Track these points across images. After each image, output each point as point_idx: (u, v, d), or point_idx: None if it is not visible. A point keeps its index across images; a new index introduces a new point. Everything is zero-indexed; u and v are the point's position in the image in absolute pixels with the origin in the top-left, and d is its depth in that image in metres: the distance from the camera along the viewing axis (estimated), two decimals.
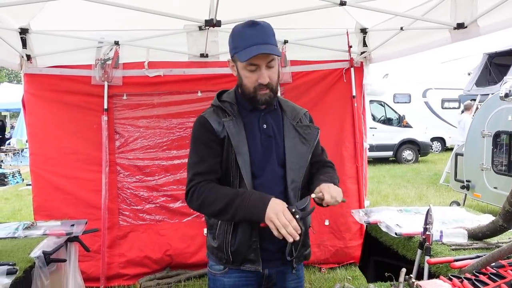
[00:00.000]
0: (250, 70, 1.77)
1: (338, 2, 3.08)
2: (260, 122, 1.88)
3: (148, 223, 4.44)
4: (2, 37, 3.54)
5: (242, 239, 1.82)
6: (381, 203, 8.06)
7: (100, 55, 4.16)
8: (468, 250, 2.34)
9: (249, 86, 1.80)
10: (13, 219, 7.43)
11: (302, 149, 1.90)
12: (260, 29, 1.77)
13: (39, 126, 4.19)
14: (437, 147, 16.93)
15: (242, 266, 1.85)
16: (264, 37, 1.75)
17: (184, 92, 4.40)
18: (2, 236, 2.80)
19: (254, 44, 1.72)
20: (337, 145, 4.58)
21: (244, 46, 1.74)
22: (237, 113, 1.87)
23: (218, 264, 1.92)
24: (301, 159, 1.88)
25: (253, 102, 1.84)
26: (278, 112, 1.95)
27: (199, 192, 1.79)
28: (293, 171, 1.85)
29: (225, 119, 1.84)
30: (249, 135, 1.85)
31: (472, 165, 6.78)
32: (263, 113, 1.89)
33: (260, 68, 1.76)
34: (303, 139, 1.92)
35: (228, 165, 1.83)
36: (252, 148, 1.83)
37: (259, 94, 1.80)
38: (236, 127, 1.83)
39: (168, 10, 3.21)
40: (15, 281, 2.09)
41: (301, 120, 1.97)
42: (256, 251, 1.82)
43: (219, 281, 1.92)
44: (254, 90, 1.80)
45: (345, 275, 4.56)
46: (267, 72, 1.77)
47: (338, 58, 4.56)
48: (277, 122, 1.92)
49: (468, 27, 3.18)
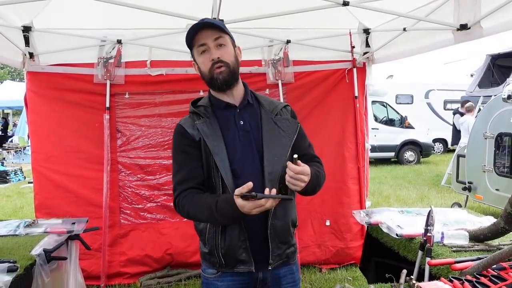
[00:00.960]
0: (201, 52, 1.81)
1: (341, 2, 3.07)
2: (236, 119, 1.87)
3: (149, 222, 4.44)
4: (5, 35, 3.54)
5: (232, 240, 1.81)
6: (383, 204, 8.06)
7: (102, 54, 4.17)
8: (469, 252, 2.34)
9: (204, 69, 1.82)
10: (14, 216, 7.44)
11: (281, 141, 1.87)
12: (206, 19, 1.82)
13: (41, 124, 4.20)
14: (439, 148, 16.89)
15: (236, 269, 1.84)
16: (208, 20, 1.81)
17: (186, 91, 4.40)
18: (4, 234, 2.81)
19: (195, 26, 1.78)
20: (339, 146, 4.58)
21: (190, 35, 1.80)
22: (211, 113, 1.87)
23: (211, 268, 1.91)
24: (281, 150, 1.84)
25: (212, 84, 1.84)
26: (255, 107, 1.93)
27: (182, 204, 1.82)
28: (270, 163, 1.82)
29: (197, 121, 1.84)
30: (226, 134, 1.84)
31: (474, 166, 6.76)
32: (238, 110, 1.89)
33: (208, 47, 1.79)
34: (282, 131, 1.88)
35: (209, 167, 1.82)
36: (230, 146, 1.82)
37: (215, 72, 1.80)
38: (210, 128, 1.83)
39: (170, 9, 3.21)
40: (16, 278, 2.09)
41: (280, 114, 1.93)
42: (247, 250, 1.81)
43: (213, 285, 1.91)
44: (210, 70, 1.81)
45: (345, 275, 4.56)
46: (218, 50, 1.79)
47: (341, 59, 4.55)
48: (254, 116, 1.90)
49: (471, 28, 3.17)
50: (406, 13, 3.60)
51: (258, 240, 1.83)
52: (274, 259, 1.86)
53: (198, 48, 1.81)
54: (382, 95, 14.13)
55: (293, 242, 1.97)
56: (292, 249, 1.96)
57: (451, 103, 16.27)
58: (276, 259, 1.86)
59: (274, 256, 1.85)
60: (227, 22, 3.20)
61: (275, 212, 1.81)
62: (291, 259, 1.97)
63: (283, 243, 1.89)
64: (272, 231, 1.82)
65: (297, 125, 1.94)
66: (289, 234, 1.93)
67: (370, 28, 4.33)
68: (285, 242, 1.90)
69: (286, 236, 1.90)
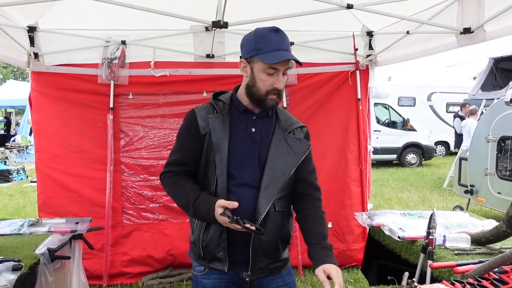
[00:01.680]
0: (268, 74, 1.77)
1: (345, 5, 3.09)
2: (249, 125, 1.87)
3: (152, 222, 4.46)
4: (10, 35, 3.57)
5: (213, 237, 1.84)
6: (384, 206, 8.06)
7: (107, 54, 4.18)
8: (471, 255, 2.35)
9: (262, 89, 1.80)
10: (17, 215, 7.46)
11: (287, 159, 1.87)
12: (283, 35, 1.79)
13: (46, 124, 4.22)
14: (441, 151, 16.88)
15: (211, 264, 1.88)
16: (286, 44, 1.79)
17: (189, 92, 4.42)
18: (8, 233, 2.84)
19: (279, 49, 1.75)
20: (342, 148, 4.59)
21: (268, 49, 1.74)
22: (227, 112, 1.87)
23: (199, 265, 1.95)
24: (285, 169, 1.84)
25: (261, 105, 1.84)
26: (271, 119, 1.93)
27: (166, 182, 1.93)
28: (269, 178, 1.82)
29: (210, 116, 1.86)
30: (234, 135, 1.84)
31: (476, 169, 6.76)
32: (254, 117, 1.89)
33: (278, 73, 1.78)
34: (291, 150, 1.88)
35: (208, 163, 1.85)
36: (234, 148, 1.83)
37: (269, 98, 1.81)
38: (221, 125, 1.84)
39: (175, 10, 3.23)
40: (20, 277, 2.11)
41: (294, 132, 1.93)
42: (224, 250, 1.83)
43: (200, 282, 1.95)
44: (266, 93, 1.80)
45: (347, 277, 4.55)
46: (283, 79, 1.80)
47: (344, 61, 4.56)
48: (267, 128, 1.90)
49: (474, 32, 3.18)
50: (409, 16, 3.62)
51: (239, 246, 1.84)
52: (255, 272, 1.87)
53: (268, 69, 1.76)
54: (384, 97, 14.13)
55: (281, 258, 1.95)
56: (278, 264, 1.94)
57: (453, 105, 16.26)
58: (257, 271, 1.87)
59: (255, 268, 1.86)
60: (231, 24, 3.23)
61: (263, 225, 1.80)
62: (278, 271, 1.96)
63: (268, 257, 1.88)
64: (257, 244, 1.83)
65: (308, 147, 1.94)
66: (277, 250, 1.91)
67: (374, 30, 4.34)
68: (270, 257, 1.89)
69: (273, 251, 1.90)
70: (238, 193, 1.81)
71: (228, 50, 4.29)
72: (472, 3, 3.16)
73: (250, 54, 1.80)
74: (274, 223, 1.85)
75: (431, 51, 3.78)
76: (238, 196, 1.79)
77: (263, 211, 1.80)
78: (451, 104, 16.63)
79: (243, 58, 1.84)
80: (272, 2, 3.54)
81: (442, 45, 3.59)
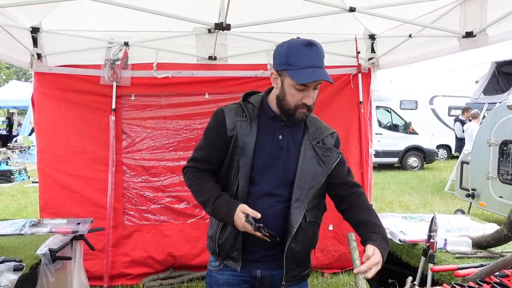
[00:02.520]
0: (298, 90, 1.75)
1: (348, 9, 3.09)
2: (276, 132, 1.86)
3: (153, 223, 4.46)
4: (13, 36, 3.58)
5: (229, 237, 1.87)
6: (386, 210, 8.04)
7: (109, 56, 4.19)
8: (472, 259, 2.35)
9: (291, 103, 1.78)
10: (18, 216, 7.47)
11: (316, 170, 1.86)
12: (316, 50, 1.75)
13: (48, 124, 4.23)
14: (443, 155, 16.86)
15: (225, 261, 1.91)
16: (319, 60, 1.75)
17: (191, 94, 4.43)
18: (10, 233, 2.84)
19: (310, 66, 1.72)
20: (343, 151, 4.47)
21: (299, 66, 1.72)
22: (256, 116, 1.86)
23: (215, 261, 1.98)
24: (314, 180, 1.84)
25: (290, 118, 1.82)
26: (300, 127, 1.91)
27: (188, 177, 1.97)
28: (300, 190, 1.83)
29: (239, 119, 1.85)
30: (260, 141, 1.83)
31: (477, 173, 6.75)
32: (283, 124, 1.87)
33: (308, 90, 1.76)
34: (320, 160, 1.87)
35: (231, 165, 1.85)
36: (258, 154, 1.82)
37: (298, 112, 1.79)
38: (248, 129, 1.83)
39: (177, 12, 3.24)
40: (22, 277, 2.11)
41: (323, 141, 1.92)
42: (239, 251, 1.86)
43: (214, 277, 1.99)
44: (295, 108, 1.78)
45: (348, 280, 4.55)
46: (313, 94, 1.78)
47: (346, 64, 4.56)
48: (296, 137, 1.89)
49: (477, 36, 3.19)
50: (412, 20, 3.62)
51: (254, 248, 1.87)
52: (288, 279, 1.89)
53: (298, 86, 1.73)
54: (386, 101, 14.14)
55: (309, 265, 2.01)
56: (308, 271, 1.99)
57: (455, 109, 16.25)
58: (290, 279, 1.89)
59: (288, 277, 1.88)
60: (234, 26, 3.23)
61: (295, 236, 1.83)
62: (304, 279, 2.00)
63: (300, 266, 1.92)
64: (289, 254, 1.85)
65: (339, 155, 1.93)
66: (307, 258, 1.97)
67: (376, 34, 4.34)
68: (301, 265, 1.93)
69: (304, 260, 1.94)
70: (257, 199, 1.83)
71: (231, 52, 4.29)
72: (474, 7, 3.16)
73: (281, 68, 1.77)
74: (305, 234, 1.87)
75: (433, 54, 3.79)
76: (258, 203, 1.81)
77: (296, 224, 1.81)
78: (453, 108, 16.62)
79: (274, 69, 1.82)
80: (274, 5, 3.54)
81: (444, 49, 3.59)
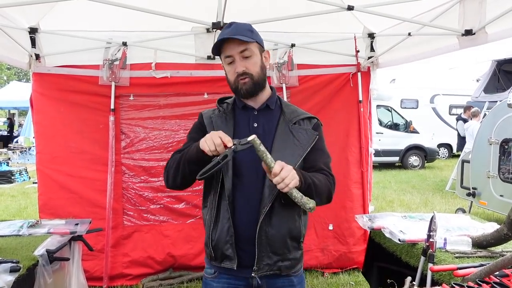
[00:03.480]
0: (228, 63, 1.86)
1: (346, 7, 3.08)
2: (251, 121, 1.90)
3: (152, 223, 4.45)
4: (11, 36, 3.57)
5: (220, 233, 1.84)
6: (386, 209, 8.04)
7: (108, 56, 4.19)
8: (471, 258, 2.33)
9: (230, 78, 1.88)
10: (18, 216, 7.48)
11: (293, 150, 1.85)
12: (234, 25, 1.84)
13: (46, 125, 4.22)
14: (444, 153, 16.84)
15: (222, 263, 1.87)
16: (234, 31, 1.81)
17: (190, 94, 4.42)
18: (7, 234, 2.82)
19: (221, 37, 1.81)
20: (343, 150, 4.58)
21: (214, 46, 1.84)
22: (230, 111, 1.94)
23: (210, 268, 1.96)
24: (290, 160, 1.78)
25: (237, 93, 1.90)
26: (275, 113, 1.95)
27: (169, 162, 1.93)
28: None
29: (213, 115, 1.94)
30: (237, 132, 1.87)
31: (478, 172, 6.73)
32: (255, 112, 1.92)
33: (235, 60, 1.83)
34: (296, 140, 1.87)
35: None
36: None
37: (240, 83, 1.85)
38: (224, 123, 1.90)
39: (176, 12, 3.23)
40: (18, 278, 2.10)
41: (299, 123, 1.93)
42: (232, 246, 1.82)
43: (209, 285, 1.95)
44: (235, 81, 1.86)
45: (348, 280, 4.54)
46: (243, 62, 1.83)
47: (345, 63, 4.56)
48: (271, 122, 1.92)
49: (476, 34, 3.17)
50: (411, 18, 3.61)
51: (246, 241, 1.83)
52: (263, 268, 1.83)
53: (225, 59, 1.86)
54: (387, 100, 14.13)
55: (291, 256, 1.89)
56: (288, 263, 1.88)
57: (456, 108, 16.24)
58: (265, 268, 1.84)
59: (263, 265, 1.83)
60: None
61: (269, 219, 1.80)
62: (288, 271, 1.91)
63: (276, 254, 1.84)
64: (263, 238, 1.81)
65: (315, 136, 1.91)
66: (285, 246, 1.86)
67: (375, 32, 4.33)
68: (279, 253, 1.85)
69: (281, 247, 1.85)
70: (243, 187, 1.83)
71: None
72: (473, 5, 3.15)
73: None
74: (280, 217, 1.82)
75: (433, 53, 3.78)
76: (243, 190, 1.82)
77: (268, 203, 1.79)
78: (454, 107, 16.60)
79: None
80: (272, 4, 3.54)
81: (444, 47, 3.58)
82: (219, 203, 1.85)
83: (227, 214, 1.82)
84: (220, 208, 1.85)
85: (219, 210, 1.85)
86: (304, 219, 1.96)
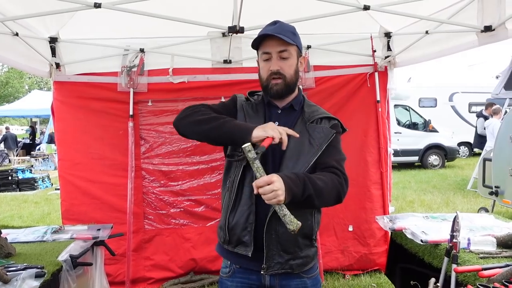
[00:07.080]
0: (264, 59, 1.87)
1: (362, 7, 3.06)
2: (272, 119, 1.89)
3: (173, 227, 4.49)
4: (32, 46, 3.66)
5: (240, 219, 1.82)
6: (407, 209, 7.94)
7: (126, 63, 4.24)
8: (497, 259, 2.29)
9: (263, 75, 1.89)
10: (42, 222, 7.63)
11: (307, 149, 1.83)
12: (278, 24, 1.86)
13: (67, 132, 4.30)
14: (464, 152, 16.57)
15: (236, 249, 1.85)
16: (278, 30, 1.83)
17: (207, 98, 4.41)
18: (32, 240, 2.89)
19: (265, 32, 1.83)
20: (361, 151, 4.54)
21: (254, 40, 1.86)
22: (260, 102, 1.96)
23: (225, 267, 1.97)
24: (302, 158, 1.79)
25: (266, 91, 1.90)
26: (297, 113, 1.95)
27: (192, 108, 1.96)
28: (287, 168, 1.78)
29: (244, 103, 1.96)
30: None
31: (500, 170, 6.59)
32: (279, 111, 1.93)
33: (272, 57, 1.84)
34: (312, 138, 1.85)
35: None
36: None
37: (271, 83, 1.86)
38: (254, 111, 1.92)
39: (191, 17, 3.25)
40: (43, 284, 2.14)
41: (317, 122, 1.91)
42: (250, 233, 1.80)
43: (224, 284, 1.96)
44: (267, 79, 1.87)
45: (369, 282, 4.50)
46: (279, 62, 1.84)
47: (362, 63, 4.53)
48: (290, 121, 1.91)
49: (496, 30, 3.12)
50: (428, 16, 3.57)
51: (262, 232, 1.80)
52: (273, 266, 1.82)
53: (262, 55, 1.87)
54: (404, 99, 13.98)
55: (303, 254, 1.86)
56: (300, 261, 1.86)
57: (476, 105, 15.97)
58: (276, 266, 1.82)
59: (273, 263, 1.81)
60: (247, 29, 3.23)
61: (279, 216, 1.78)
62: (301, 269, 1.88)
63: (287, 252, 1.82)
64: (273, 235, 1.79)
65: (332, 134, 1.89)
66: (296, 244, 1.84)
67: (392, 31, 4.30)
68: (290, 252, 1.83)
69: (292, 246, 1.83)
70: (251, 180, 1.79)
71: (245, 55, 4.30)
72: (492, 1, 3.10)
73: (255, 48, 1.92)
74: (294, 214, 1.77)
75: (451, 50, 3.72)
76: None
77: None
78: (473, 104, 16.34)
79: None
80: (288, 6, 3.53)
81: (463, 44, 3.53)
82: (239, 188, 1.84)
83: (249, 201, 1.81)
84: (242, 193, 1.83)
85: (239, 195, 1.84)
86: (317, 217, 1.94)
